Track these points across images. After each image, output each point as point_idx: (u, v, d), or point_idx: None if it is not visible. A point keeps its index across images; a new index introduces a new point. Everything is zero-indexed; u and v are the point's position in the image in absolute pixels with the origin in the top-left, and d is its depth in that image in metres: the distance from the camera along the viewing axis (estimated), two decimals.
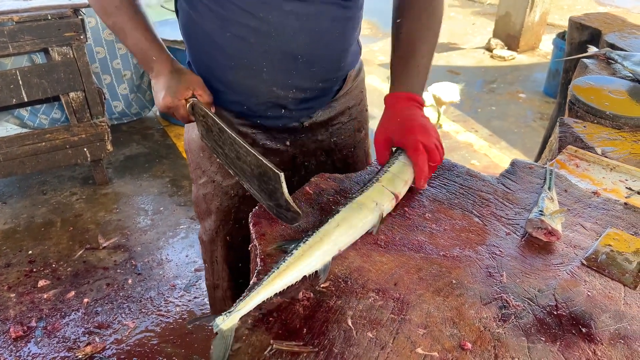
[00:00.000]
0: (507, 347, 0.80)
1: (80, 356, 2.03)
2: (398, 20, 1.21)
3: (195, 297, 2.36)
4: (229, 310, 0.82)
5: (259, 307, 0.84)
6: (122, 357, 2.06)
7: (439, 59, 5.51)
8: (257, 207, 1.07)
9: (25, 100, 2.72)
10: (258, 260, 0.95)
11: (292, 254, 0.90)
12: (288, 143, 1.34)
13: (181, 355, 2.07)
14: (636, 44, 2.14)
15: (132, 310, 2.29)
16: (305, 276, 0.90)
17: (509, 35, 5.67)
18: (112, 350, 2.09)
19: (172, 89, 1.14)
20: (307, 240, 0.93)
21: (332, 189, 1.15)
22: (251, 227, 1.03)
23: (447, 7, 7.59)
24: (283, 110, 1.27)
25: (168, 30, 3.40)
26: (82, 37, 2.72)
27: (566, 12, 7.12)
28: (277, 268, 0.88)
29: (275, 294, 0.87)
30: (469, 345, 0.80)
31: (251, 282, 0.90)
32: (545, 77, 4.74)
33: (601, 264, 0.97)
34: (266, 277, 0.86)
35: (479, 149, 3.69)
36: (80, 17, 2.69)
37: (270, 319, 0.83)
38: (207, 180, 1.38)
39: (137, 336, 2.16)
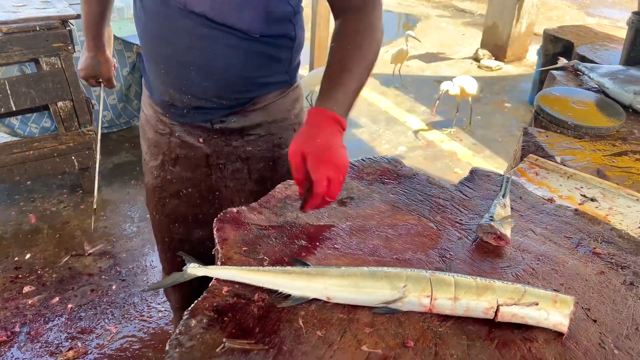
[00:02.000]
0: (447, 344, 0.85)
1: None
2: (332, 44, 1.17)
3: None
4: (204, 265, 0.97)
5: (213, 307, 0.89)
6: None
7: (427, 70, 5.59)
8: (221, 213, 1.12)
9: (14, 109, 2.77)
10: (219, 263, 1.00)
11: (286, 268, 0.95)
12: (201, 140, 1.37)
13: (162, 359, 2.11)
14: (606, 55, 2.20)
15: (115, 315, 2.32)
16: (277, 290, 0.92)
17: (496, 46, 5.76)
18: (94, 355, 2.12)
19: (86, 70, 1.64)
20: (309, 267, 0.95)
21: (297, 194, 1.20)
22: (215, 232, 1.07)
23: (437, 18, 7.69)
24: (184, 110, 1.33)
25: None
26: (70, 47, 2.77)
27: (555, 23, 7.22)
28: (264, 266, 0.96)
29: (235, 287, 0.92)
30: (412, 343, 0.85)
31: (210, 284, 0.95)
32: (530, 87, 4.82)
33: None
34: (249, 267, 0.96)
35: (463, 158, 3.75)
36: (68, 28, 2.74)
37: (225, 318, 0.88)
38: (142, 157, 1.54)
39: (119, 341, 2.20)
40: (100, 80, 1.69)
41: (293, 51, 1.31)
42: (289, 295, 0.92)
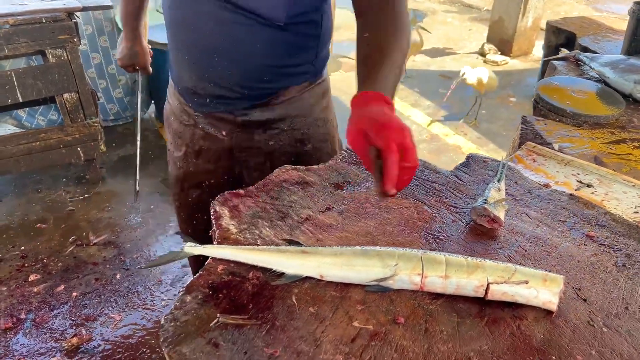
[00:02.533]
0: (437, 321, 0.86)
1: (66, 347, 2.10)
2: (366, 35, 1.13)
3: (180, 292, 2.42)
4: (200, 244, 0.98)
5: (208, 284, 0.91)
6: (107, 348, 2.13)
7: (432, 64, 5.58)
8: (219, 196, 1.14)
9: (20, 100, 2.80)
10: (215, 243, 1.02)
11: (280, 247, 0.97)
12: (224, 133, 1.37)
13: None
14: (609, 46, 2.20)
15: (119, 303, 2.35)
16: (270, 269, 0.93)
17: (502, 40, 5.73)
18: (97, 341, 2.15)
19: (124, 60, 1.71)
20: (303, 246, 0.97)
21: (294, 179, 1.22)
22: (212, 214, 1.09)
23: (444, 13, 7.67)
24: (207, 100, 1.32)
25: (160, 35, 3.47)
26: (75, 39, 2.80)
27: None
28: (258, 246, 0.98)
29: (230, 266, 0.93)
30: (402, 319, 0.86)
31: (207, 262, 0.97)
32: (536, 81, 4.80)
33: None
34: (245, 246, 0.97)
35: (467, 151, 3.75)
36: (74, 20, 2.77)
37: (220, 295, 0.89)
38: (167, 148, 1.56)
39: (122, 329, 2.23)
40: (137, 67, 1.77)
41: (320, 41, 1.30)
42: (283, 273, 0.93)
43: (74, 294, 2.39)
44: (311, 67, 1.32)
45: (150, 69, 1.80)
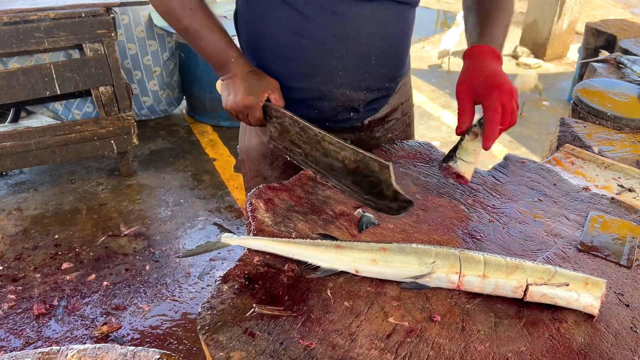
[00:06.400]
0: (474, 320, 0.85)
1: (96, 334, 2.14)
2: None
3: (208, 285, 2.45)
4: (237, 235, 0.99)
5: (244, 274, 0.91)
6: (136, 337, 2.16)
7: None
8: (255, 189, 1.14)
9: (59, 92, 2.87)
10: (251, 234, 1.02)
11: (316, 240, 0.97)
12: (349, 143, 1.36)
13: (191, 338, 2.16)
14: None
15: (147, 294, 2.39)
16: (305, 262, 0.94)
17: (536, 43, 5.63)
18: (126, 330, 2.19)
19: (253, 89, 1.14)
20: (337, 240, 0.97)
21: None
22: (248, 206, 1.10)
23: None
24: (351, 113, 1.30)
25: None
26: (113, 34, 2.86)
27: None
28: (293, 238, 0.99)
29: (266, 258, 0.94)
30: (439, 317, 0.85)
31: (242, 253, 0.98)
32: (570, 85, 4.70)
33: (596, 247, 1.02)
34: (281, 238, 0.98)
35: (498, 154, 3.70)
36: (112, 15, 2.83)
37: (256, 286, 0.90)
38: (252, 177, 1.44)
39: (151, 319, 2.26)
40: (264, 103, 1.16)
41: None
42: (318, 267, 0.93)
43: (105, 283, 2.44)
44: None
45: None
